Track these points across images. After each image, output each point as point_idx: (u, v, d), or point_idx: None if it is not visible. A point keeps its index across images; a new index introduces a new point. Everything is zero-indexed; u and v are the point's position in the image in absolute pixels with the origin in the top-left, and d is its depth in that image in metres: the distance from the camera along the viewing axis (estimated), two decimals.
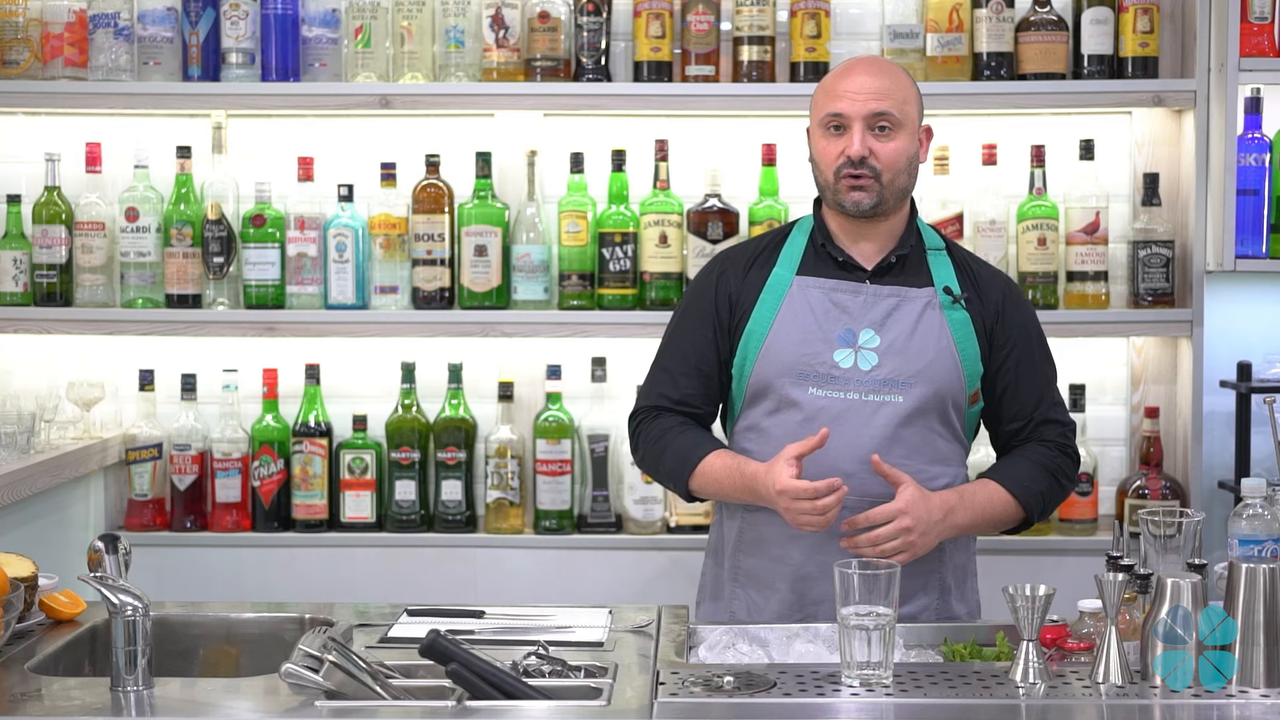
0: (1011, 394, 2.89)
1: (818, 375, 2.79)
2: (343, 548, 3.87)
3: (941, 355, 2.81)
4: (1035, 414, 2.89)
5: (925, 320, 2.82)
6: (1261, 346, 3.92)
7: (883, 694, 2.24)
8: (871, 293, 2.83)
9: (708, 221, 3.81)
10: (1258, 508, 2.51)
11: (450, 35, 3.85)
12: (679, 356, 2.92)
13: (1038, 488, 2.85)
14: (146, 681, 2.28)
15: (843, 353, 2.80)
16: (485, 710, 2.18)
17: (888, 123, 2.78)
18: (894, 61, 2.97)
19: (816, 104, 2.86)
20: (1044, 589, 2.26)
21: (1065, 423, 2.93)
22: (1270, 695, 2.23)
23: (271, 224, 3.87)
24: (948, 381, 2.81)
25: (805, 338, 2.81)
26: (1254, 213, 3.75)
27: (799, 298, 2.84)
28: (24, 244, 3.90)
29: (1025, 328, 2.91)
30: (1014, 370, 2.88)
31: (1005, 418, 2.91)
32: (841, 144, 2.79)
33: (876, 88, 2.78)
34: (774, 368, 2.82)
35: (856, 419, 2.77)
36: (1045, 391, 2.91)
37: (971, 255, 2.98)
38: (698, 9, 3.82)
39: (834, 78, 2.85)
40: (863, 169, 2.77)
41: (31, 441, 3.62)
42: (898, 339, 2.80)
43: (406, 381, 3.91)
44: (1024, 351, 2.89)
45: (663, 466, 2.91)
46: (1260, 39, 3.71)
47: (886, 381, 2.78)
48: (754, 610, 2.87)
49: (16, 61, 3.86)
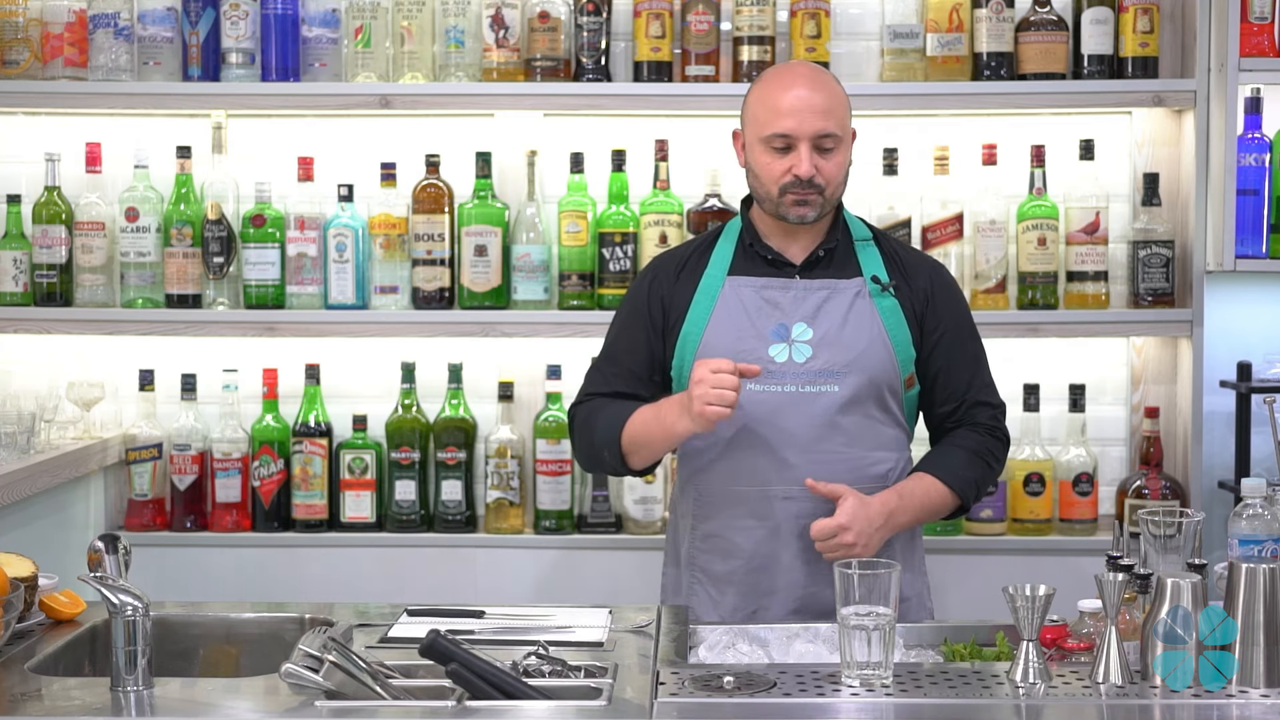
0: (944, 376, 2.97)
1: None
2: (343, 548, 3.87)
3: (874, 343, 2.89)
4: (967, 395, 2.98)
5: (856, 310, 2.90)
6: (1261, 346, 3.92)
7: (883, 694, 2.24)
8: (802, 287, 2.91)
9: (708, 221, 3.80)
10: (1258, 508, 2.51)
11: (450, 35, 3.85)
12: (611, 359, 3.03)
13: (971, 475, 2.94)
14: (146, 681, 2.28)
15: (777, 347, 2.88)
16: (485, 710, 2.18)
17: (831, 141, 2.85)
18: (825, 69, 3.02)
19: (756, 118, 2.88)
20: (1044, 589, 2.26)
21: (995, 404, 3.02)
22: (1270, 695, 2.23)
23: (271, 224, 3.87)
24: (881, 368, 2.89)
25: (740, 335, 2.89)
26: (1254, 213, 3.75)
27: (731, 297, 2.92)
28: (24, 244, 3.90)
29: (954, 311, 2.99)
30: (945, 353, 2.96)
31: (938, 400, 2.99)
32: (787, 162, 2.84)
33: (820, 105, 2.83)
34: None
35: (795, 410, 2.86)
36: (975, 372, 3.00)
37: (898, 242, 3.07)
38: (698, 9, 3.82)
39: (773, 92, 2.87)
40: (809, 187, 2.84)
41: (31, 441, 3.63)
42: (830, 330, 2.88)
43: (406, 381, 3.91)
44: (954, 334, 2.97)
45: (596, 438, 2.95)
46: (1260, 39, 3.71)
47: (821, 372, 2.86)
48: (713, 604, 2.94)
49: (16, 61, 3.86)
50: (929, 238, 3.80)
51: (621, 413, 2.92)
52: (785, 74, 2.91)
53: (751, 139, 2.90)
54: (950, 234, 3.79)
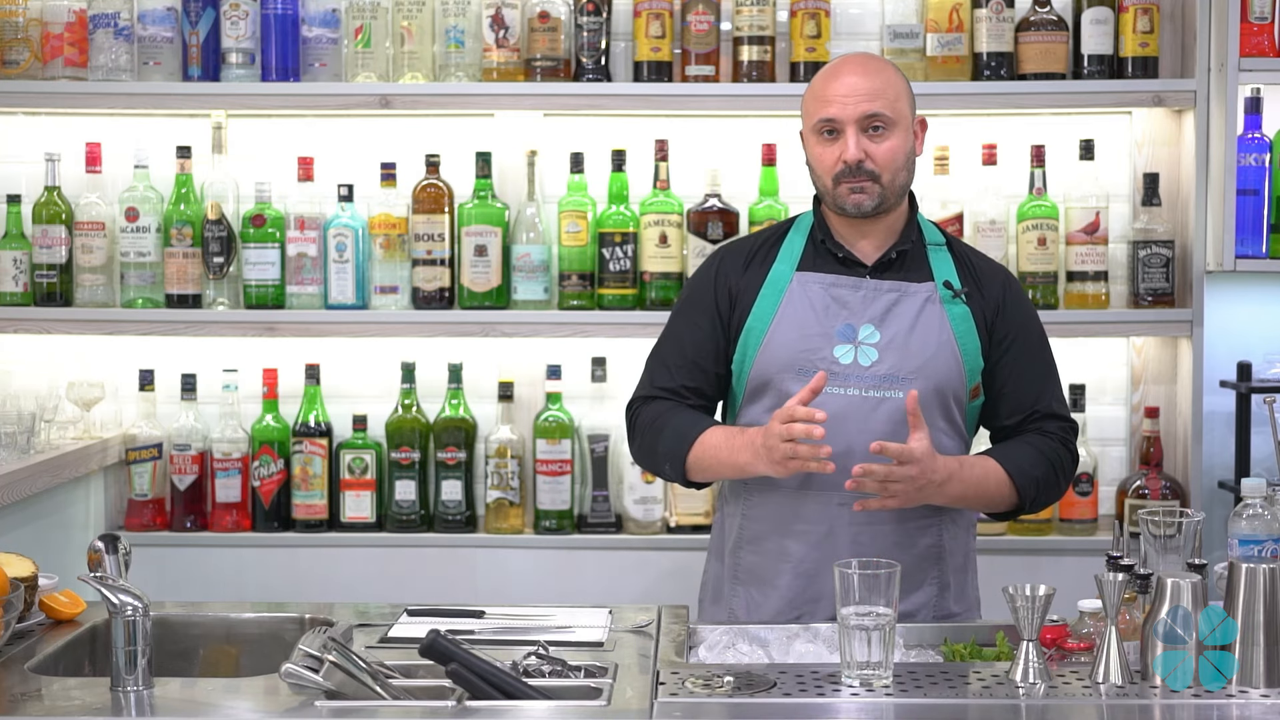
0: (1011, 387, 2.86)
1: (817, 371, 2.74)
2: (343, 548, 3.87)
3: (942, 350, 2.79)
4: (1036, 407, 2.86)
5: (925, 315, 2.80)
6: (1261, 346, 3.92)
7: (883, 694, 2.24)
8: (871, 288, 2.81)
9: (708, 221, 3.81)
10: (1258, 508, 2.51)
11: (450, 35, 3.85)
12: (676, 350, 2.90)
13: (1035, 473, 2.81)
14: (146, 681, 2.28)
15: (843, 348, 2.79)
16: (485, 710, 2.18)
17: (881, 123, 2.76)
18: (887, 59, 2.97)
19: (807, 109, 2.83)
20: (1044, 589, 2.26)
21: (1067, 419, 2.90)
22: (1270, 695, 2.23)
23: (271, 224, 3.87)
24: (948, 376, 2.79)
25: (805, 333, 2.79)
26: (1254, 213, 3.75)
27: (799, 293, 2.82)
28: (24, 244, 3.90)
29: (1025, 322, 2.89)
30: (1013, 364, 2.86)
31: (1004, 412, 2.88)
32: (837, 149, 2.76)
33: (866, 89, 2.76)
34: (774, 364, 2.80)
35: (857, 415, 2.75)
36: (1045, 385, 2.89)
37: (971, 249, 2.96)
38: (698, 9, 3.82)
39: (822, 81, 2.82)
40: (860, 173, 2.75)
41: (31, 441, 3.63)
42: (898, 334, 2.78)
43: (406, 381, 3.91)
44: (1024, 345, 2.87)
45: (661, 446, 2.86)
46: (1260, 39, 3.71)
47: (887, 377, 2.76)
48: (753, 608, 2.86)
49: (16, 61, 3.86)
50: None
51: (690, 428, 2.82)
52: (835, 63, 2.86)
53: (806, 132, 2.83)
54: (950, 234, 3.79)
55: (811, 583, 2.80)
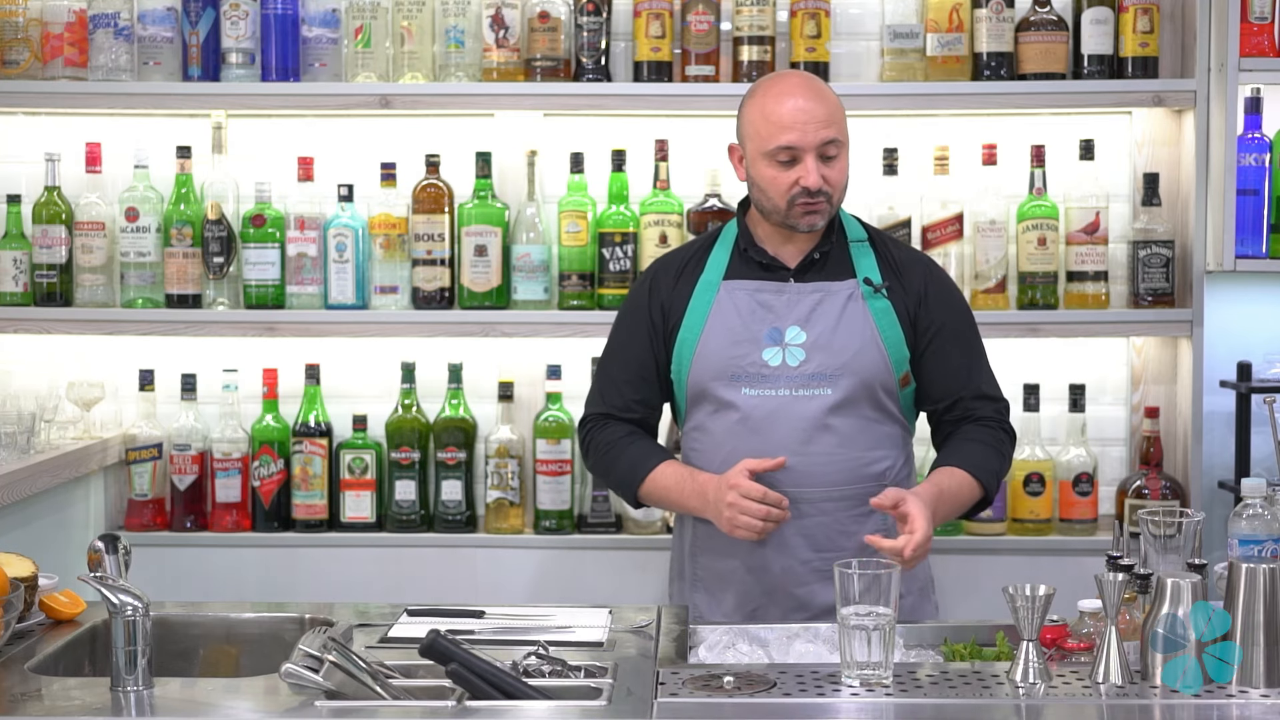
0: (939, 373, 2.98)
1: (749, 375, 2.91)
2: (343, 548, 3.87)
3: (866, 345, 2.91)
4: (964, 391, 2.98)
5: (849, 312, 2.92)
6: (1261, 346, 3.92)
7: (883, 694, 2.24)
8: (795, 290, 2.94)
9: (708, 221, 3.80)
10: (1258, 508, 2.52)
11: (450, 35, 3.85)
12: (621, 365, 3.06)
13: (991, 466, 2.94)
14: (146, 681, 2.28)
15: (771, 351, 2.91)
16: (485, 710, 2.18)
17: (834, 148, 2.87)
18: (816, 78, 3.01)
19: (758, 133, 2.89)
20: (1044, 589, 2.26)
21: (998, 398, 3.02)
22: (1270, 695, 2.23)
23: (271, 224, 3.87)
24: (874, 370, 2.91)
25: (734, 340, 2.92)
26: (1254, 213, 3.75)
27: (726, 301, 2.95)
28: (24, 244, 3.90)
29: (949, 308, 3.00)
30: (939, 350, 2.97)
31: (935, 396, 3.00)
32: (794, 174, 2.86)
33: (822, 114, 2.85)
34: (707, 371, 2.94)
35: (787, 414, 2.89)
36: (973, 368, 3.01)
37: (893, 241, 3.07)
38: (698, 9, 3.82)
39: (771, 104, 2.87)
40: (818, 195, 2.86)
41: (31, 441, 3.63)
42: (823, 333, 2.91)
43: (406, 381, 3.91)
44: (949, 331, 2.98)
45: (613, 475, 3.05)
46: (1260, 39, 3.71)
47: (815, 375, 2.89)
48: (716, 603, 2.98)
49: (16, 61, 3.86)
50: (929, 238, 3.80)
51: (642, 463, 2.97)
52: (780, 85, 2.91)
53: (753, 153, 2.91)
54: (950, 234, 3.80)
55: (763, 575, 2.92)
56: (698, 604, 2.99)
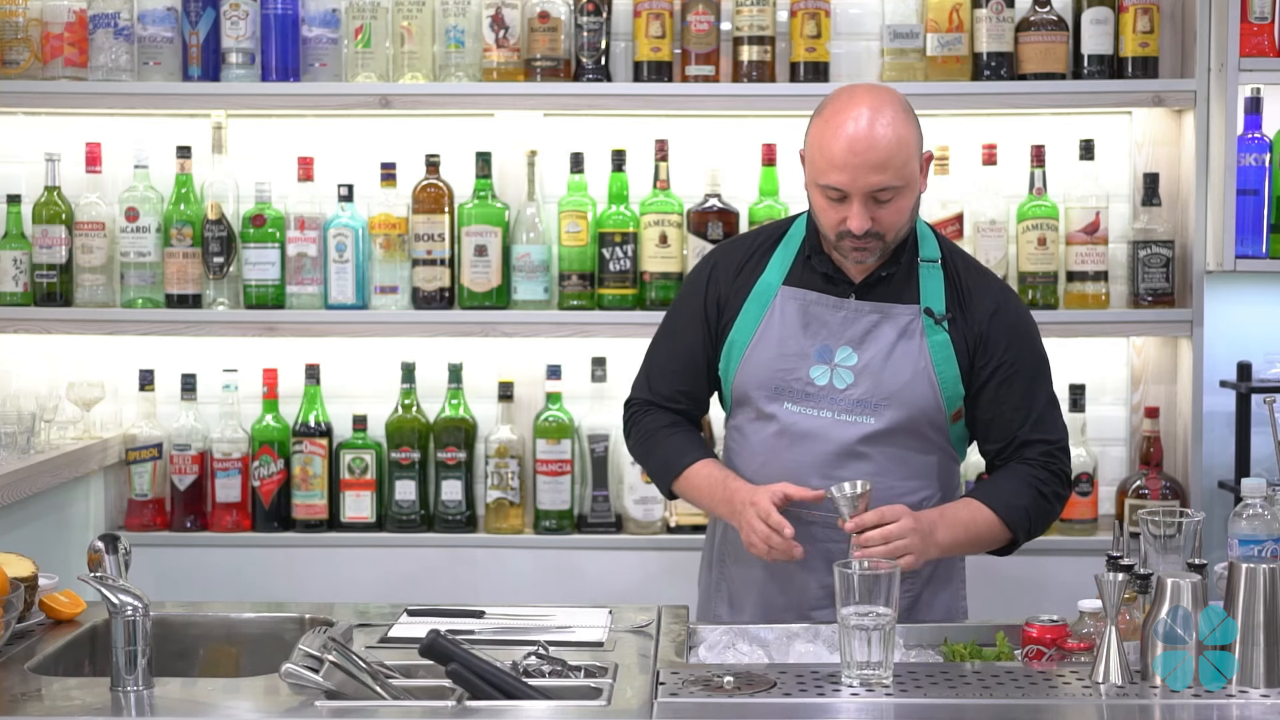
0: (993, 415, 2.82)
1: (793, 391, 2.79)
2: (343, 548, 3.87)
3: (917, 378, 2.77)
4: (1019, 434, 2.82)
5: (904, 341, 2.78)
6: (1261, 346, 3.92)
7: (883, 694, 2.24)
8: (853, 309, 2.79)
9: (708, 221, 3.81)
10: (1258, 508, 2.51)
11: (450, 35, 3.85)
12: (671, 353, 2.96)
13: (1020, 503, 2.78)
14: (146, 681, 2.28)
15: (819, 369, 2.79)
16: (485, 710, 2.18)
17: (888, 193, 2.67)
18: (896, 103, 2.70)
19: (813, 160, 2.71)
20: (861, 484, 2.59)
21: (1052, 440, 2.84)
22: (1270, 695, 2.23)
23: (271, 224, 3.87)
24: (923, 405, 2.77)
25: (783, 352, 2.80)
26: (1254, 213, 3.75)
27: (780, 309, 2.82)
28: (24, 244, 3.90)
29: (1013, 346, 2.82)
30: (994, 391, 2.81)
31: (990, 437, 2.86)
32: (842, 212, 2.69)
33: (875, 158, 2.63)
34: (752, 380, 2.83)
35: (825, 437, 2.78)
36: (1032, 409, 2.82)
37: (968, 263, 2.90)
38: (698, 9, 3.82)
39: (830, 134, 2.66)
40: (866, 238, 2.69)
41: (31, 441, 3.63)
42: (874, 359, 2.77)
43: (406, 381, 3.91)
44: (1008, 371, 2.80)
45: (650, 464, 2.98)
46: (1260, 39, 3.71)
47: (860, 402, 2.77)
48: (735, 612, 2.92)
49: (16, 61, 3.86)
50: None
51: (678, 459, 2.88)
52: (844, 113, 2.67)
53: (809, 177, 2.74)
54: (950, 234, 3.79)
55: (785, 589, 2.85)
56: (719, 612, 2.93)
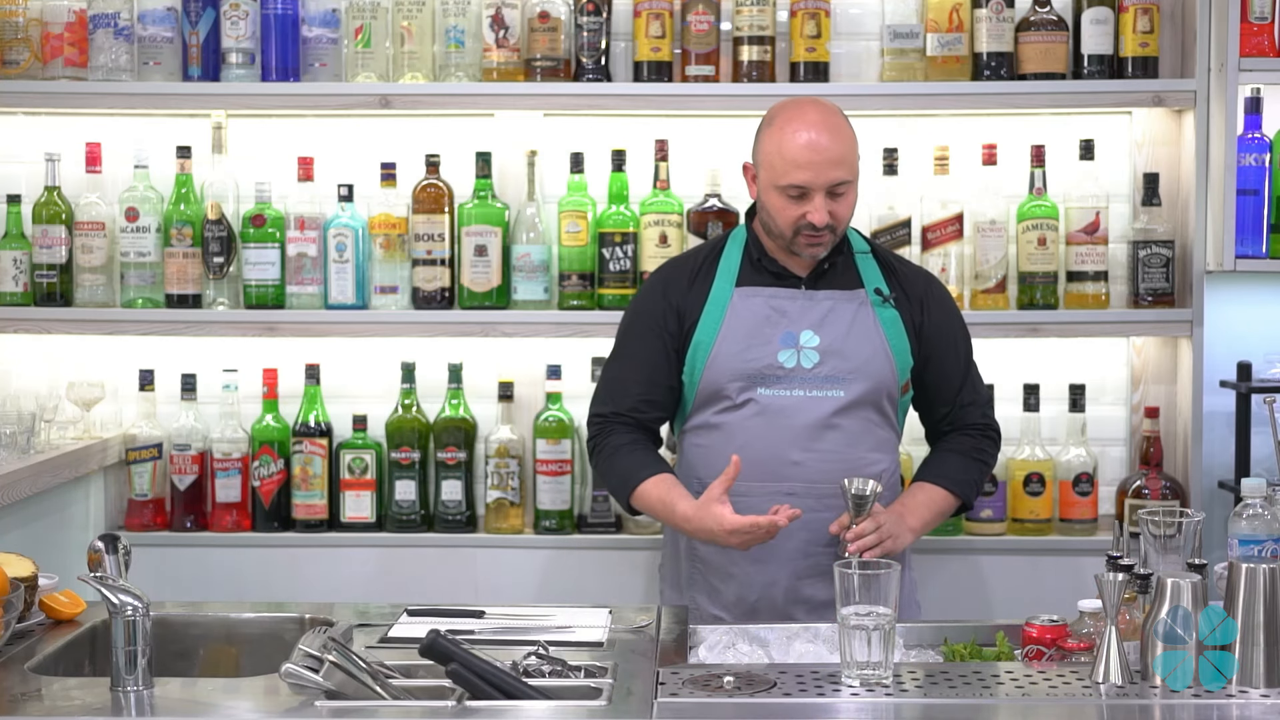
0: (940, 383, 3.14)
1: (765, 377, 3.01)
2: (343, 548, 3.87)
3: (876, 352, 3.04)
4: (959, 397, 3.14)
5: (859, 320, 3.04)
6: (1261, 346, 3.92)
7: (883, 694, 2.25)
8: (807, 297, 3.05)
9: (708, 221, 3.81)
10: (1258, 508, 2.52)
11: (450, 35, 3.85)
12: (630, 366, 3.12)
13: (967, 477, 3.12)
14: (146, 681, 2.28)
15: (786, 353, 3.01)
16: (485, 710, 2.18)
17: (843, 187, 2.96)
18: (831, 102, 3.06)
19: (771, 165, 2.97)
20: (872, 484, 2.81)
21: (983, 400, 3.19)
22: (1270, 695, 2.23)
23: (271, 224, 3.87)
24: (883, 376, 3.04)
25: (751, 343, 3.02)
26: (1254, 213, 3.75)
27: (741, 307, 3.04)
28: (24, 244, 3.90)
29: (948, 320, 3.14)
30: (940, 362, 3.12)
31: (935, 404, 3.16)
32: (802, 209, 2.95)
33: (835, 153, 2.94)
34: (724, 373, 3.02)
35: (800, 411, 3.00)
36: (969, 371, 3.17)
37: (894, 255, 3.21)
38: (698, 9, 3.82)
39: (786, 139, 2.95)
40: (823, 230, 2.96)
41: (31, 441, 3.63)
42: (836, 338, 3.02)
43: (406, 381, 3.91)
44: (948, 342, 3.13)
45: (609, 482, 3.16)
46: (1260, 39, 3.71)
47: (828, 378, 3.01)
48: (714, 596, 3.04)
49: (16, 61, 3.86)
50: (929, 238, 3.80)
51: (634, 472, 3.02)
52: (797, 119, 2.97)
53: (765, 181, 3.00)
54: (950, 234, 3.79)
55: (765, 568, 2.99)
56: (698, 602, 3.04)
